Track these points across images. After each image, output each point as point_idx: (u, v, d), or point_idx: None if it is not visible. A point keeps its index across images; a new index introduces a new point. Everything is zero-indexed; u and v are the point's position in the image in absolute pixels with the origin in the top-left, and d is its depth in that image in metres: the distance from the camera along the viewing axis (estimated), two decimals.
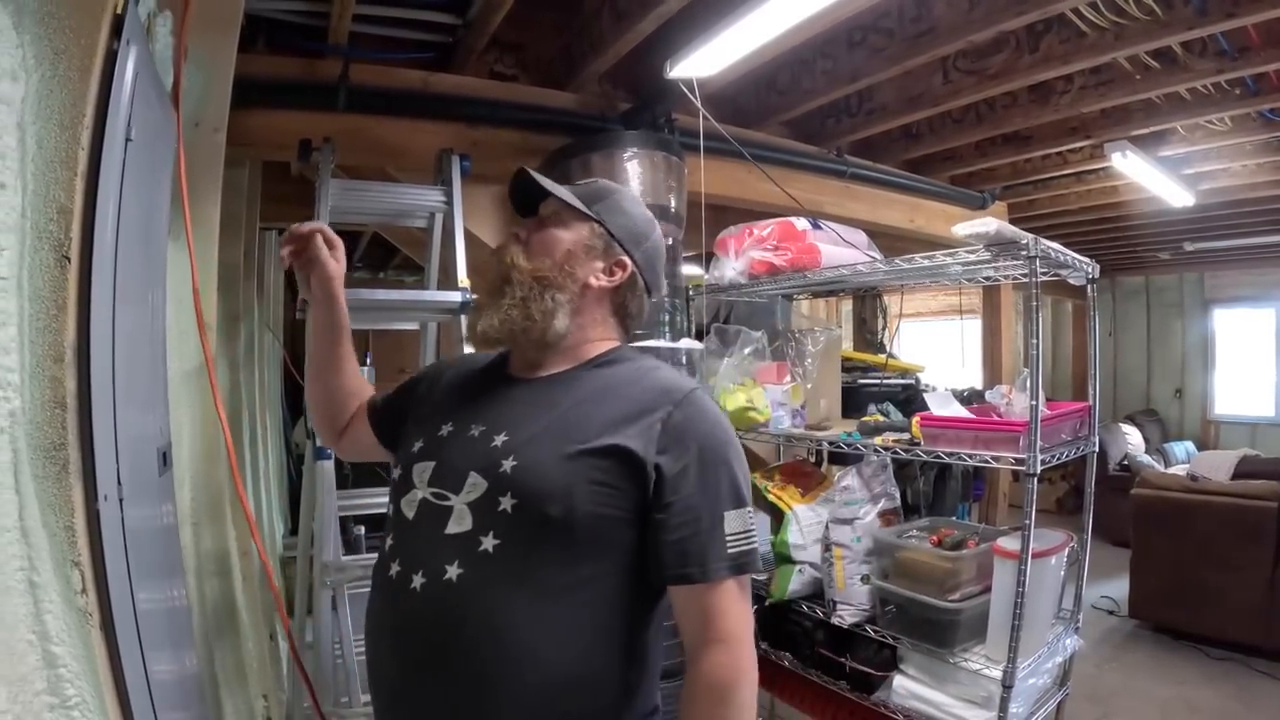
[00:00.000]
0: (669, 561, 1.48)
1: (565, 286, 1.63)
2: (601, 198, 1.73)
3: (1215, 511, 5.62)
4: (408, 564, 1.50)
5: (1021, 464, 2.60)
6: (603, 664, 1.48)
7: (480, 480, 1.48)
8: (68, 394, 1.27)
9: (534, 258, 1.64)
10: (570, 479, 1.45)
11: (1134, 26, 3.55)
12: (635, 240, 1.73)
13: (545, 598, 1.43)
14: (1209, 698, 4.79)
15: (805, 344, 3.77)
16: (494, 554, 1.43)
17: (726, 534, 1.48)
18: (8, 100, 1.17)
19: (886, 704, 3.02)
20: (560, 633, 1.44)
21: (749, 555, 1.51)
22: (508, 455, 1.49)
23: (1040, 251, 2.62)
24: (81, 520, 1.28)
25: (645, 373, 1.64)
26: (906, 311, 6.39)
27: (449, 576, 1.43)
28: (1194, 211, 6.62)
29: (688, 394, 1.56)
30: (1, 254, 1.16)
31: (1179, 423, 11.06)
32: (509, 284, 1.61)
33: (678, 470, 1.48)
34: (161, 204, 1.82)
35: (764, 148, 4.53)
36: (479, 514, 1.46)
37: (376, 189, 3.42)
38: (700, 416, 1.54)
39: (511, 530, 1.44)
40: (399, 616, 1.51)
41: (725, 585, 1.47)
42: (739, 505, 1.52)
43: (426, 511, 1.52)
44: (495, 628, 1.41)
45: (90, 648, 1.28)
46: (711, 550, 1.47)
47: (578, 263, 1.66)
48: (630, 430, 1.49)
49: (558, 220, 1.69)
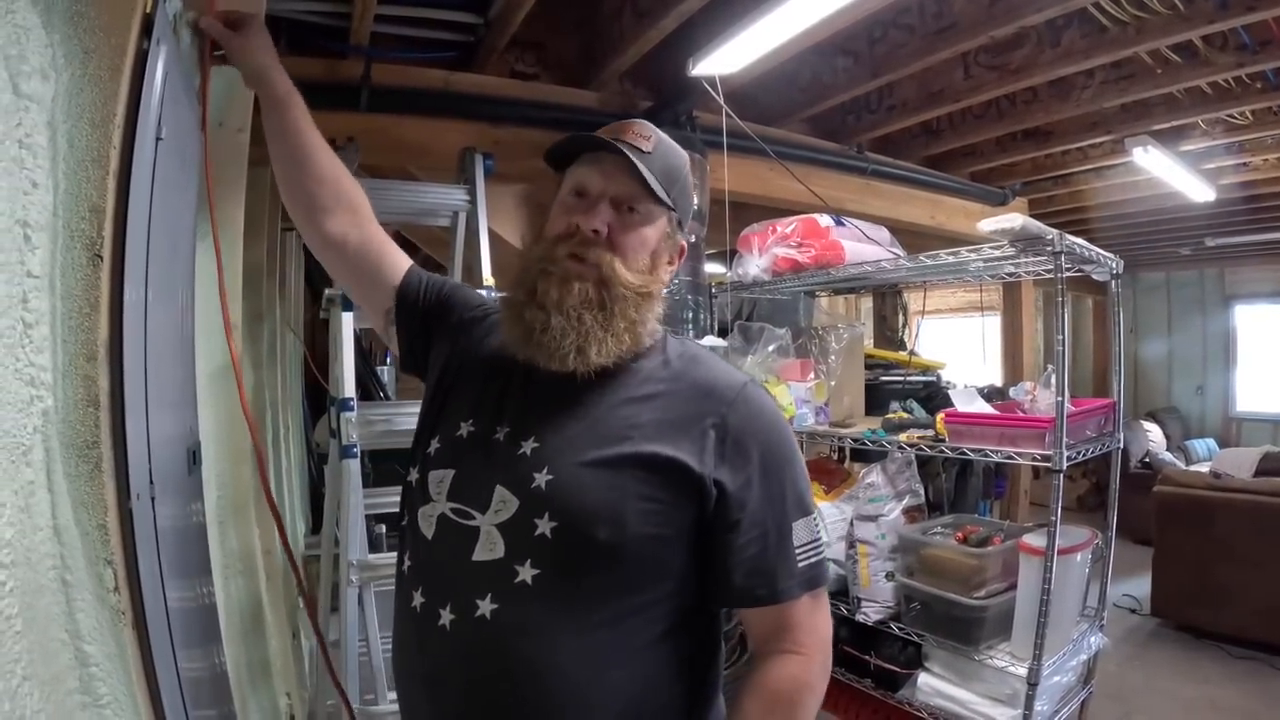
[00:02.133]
0: (738, 583, 1.34)
1: (659, 296, 1.45)
2: (672, 176, 1.45)
3: (1238, 509, 5.57)
4: (433, 595, 1.34)
5: (1047, 460, 2.60)
6: (661, 700, 1.35)
7: (510, 497, 1.30)
8: (100, 392, 1.27)
9: (632, 266, 1.40)
10: (617, 496, 1.28)
11: (1155, 20, 3.53)
12: (689, 215, 1.56)
13: (595, 633, 1.28)
14: (1232, 697, 4.76)
15: (828, 341, 3.77)
16: (534, 586, 1.26)
17: (795, 547, 1.35)
18: (39, 99, 1.17)
19: (911, 701, 3.02)
20: (614, 672, 1.29)
21: (820, 567, 1.38)
22: (540, 467, 1.31)
23: (1065, 247, 2.61)
24: (114, 519, 1.28)
25: (689, 365, 1.44)
26: (927, 308, 6.33)
27: (482, 613, 1.27)
28: (1214, 206, 6.57)
29: (740, 391, 1.39)
30: (34, 253, 1.16)
31: (1200, 420, 11.00)
32: (614, 300, 1.36)
33: (741, 483, 1.32)
34: (190, 203, 1.82)
35: (785, 145, 4.51)
36: (513, 538, 1.29)
37: (400, 188, 3.43)
38: (758, 417, 1.38)
39: (553, 558, 1.27)
40: (429, 661, 1.34)
41: (800, 604, 1.35)
42: (805, 513, 1.38)
43: (448, 531, 1.35)
44: (540, 672, 1.26)
45: (122, 646, 1.28)
46: (782, 568, 1.34)
47: (660, 264, 1.47)
48: (681, 439, 1.32)
49: (644, 214, 1.42)
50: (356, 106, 3.49)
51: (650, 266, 1.43)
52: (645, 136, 1.45)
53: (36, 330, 1.16)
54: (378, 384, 6.84)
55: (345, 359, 2.98)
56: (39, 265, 1.17)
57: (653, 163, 1.41)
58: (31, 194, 1.15)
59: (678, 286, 3.40)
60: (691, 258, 3.49)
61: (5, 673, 0.99)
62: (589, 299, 1.35)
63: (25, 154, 1.13)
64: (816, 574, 1.37)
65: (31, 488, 1.11)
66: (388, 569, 2.93)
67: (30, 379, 1.13)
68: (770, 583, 1.33)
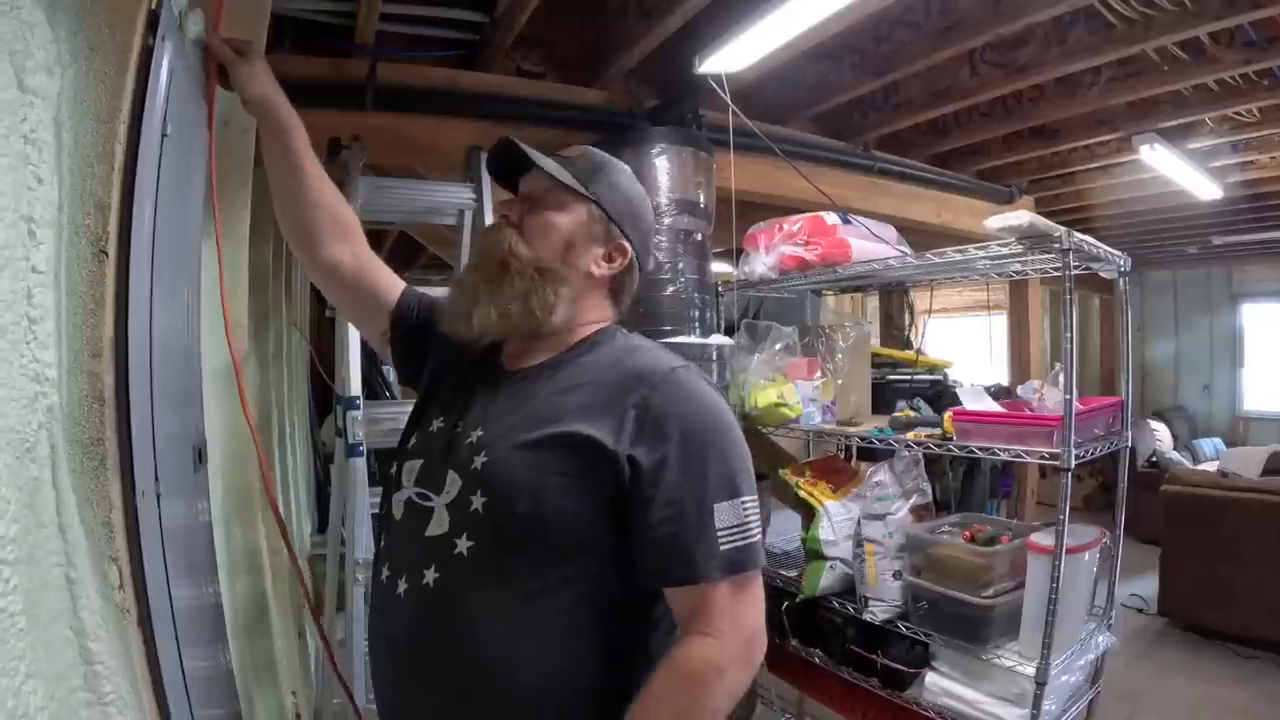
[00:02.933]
0: (652, 561, 1.39)
1: (568, 279, 1.56)
2: (597, 174, 1.61)
3: (1246, 508, 5.57)
4: (395, 567, 1.49)
5: (1056, 459, 2.59)
6: (591, 670, 1.41)
7: (456, 479, 1.44)
8: (105, 389, 1.27)
9: (533, 245, 1.54)
10: (537, 473, 1.38)
11: (1162, 17, 3.52)
12: (633, 220, 1.64)
13: (523, 601, 1.37)
14: (1239, 697, 4.75)
15: (835, 339, 3.75)
16: (468, 556, 1.39)
17: (718, 528, 1.36)
18: (44, 94, 1.17)
19: (918, 701, 3.01)
20: (541, 638, 1.38)
21: (745, 551, 1.38)
22: (479, 451, 1.44)
23: (1074, 245, 2.60)
24: (119, 516, 1.28)
25: (626, 355, 1.55)
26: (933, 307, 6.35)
27: (426, 581, 1.41)
28: (1222, 204, 6.57)
29: (666, 374, 1.46)
30: (39, 248, 1.16)
31: (1207, 419, 10.97)
32: (507, 273, 1.52)
33: (656, 460, 1.37)
34: (196, 200, 1.82)
35: (791, 143, 4.51)
36: (455, 515, 1.42)
37: (406, 187, 3.43)
38: (679, 397, 1.43)
39: (483, 531, 1.39)
40: (388, 623, 1.50)
41: (719, 587, 1.37)
42: (733, 495, 1.39)
43: (411, 513, 1.50)
44: (472, 634, 1.37)
45: (127, 644, 1.28)
46: (700, 548, 1.35)
47: (577, 251, 1.57)
48: (601, 419, 1.40)
49: (555, 201, 1.57)
50: (362, 105, 3.48)
51: (562, 250, 1.56)
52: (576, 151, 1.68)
53: (41, 326, 1.15)
54: (383, 383, 6.84)
55: (351, 358, 2.99)
56: (44, 261, 1.17)
57: (574, 165, 1.60)
58: (36, 190, 1.14)
59: (684, 285, 3.39)
60: (698, 256, 3.48)
61: (9, 670, 0.99)
62: (487, 273, 1.54)
63: (30, 149, 1.13)
64: (741, 558, 1.38)
65: (36, 484, 1.11)
66: None
67: (35, 375, 1.13)
68: (687, 563, 1.37)
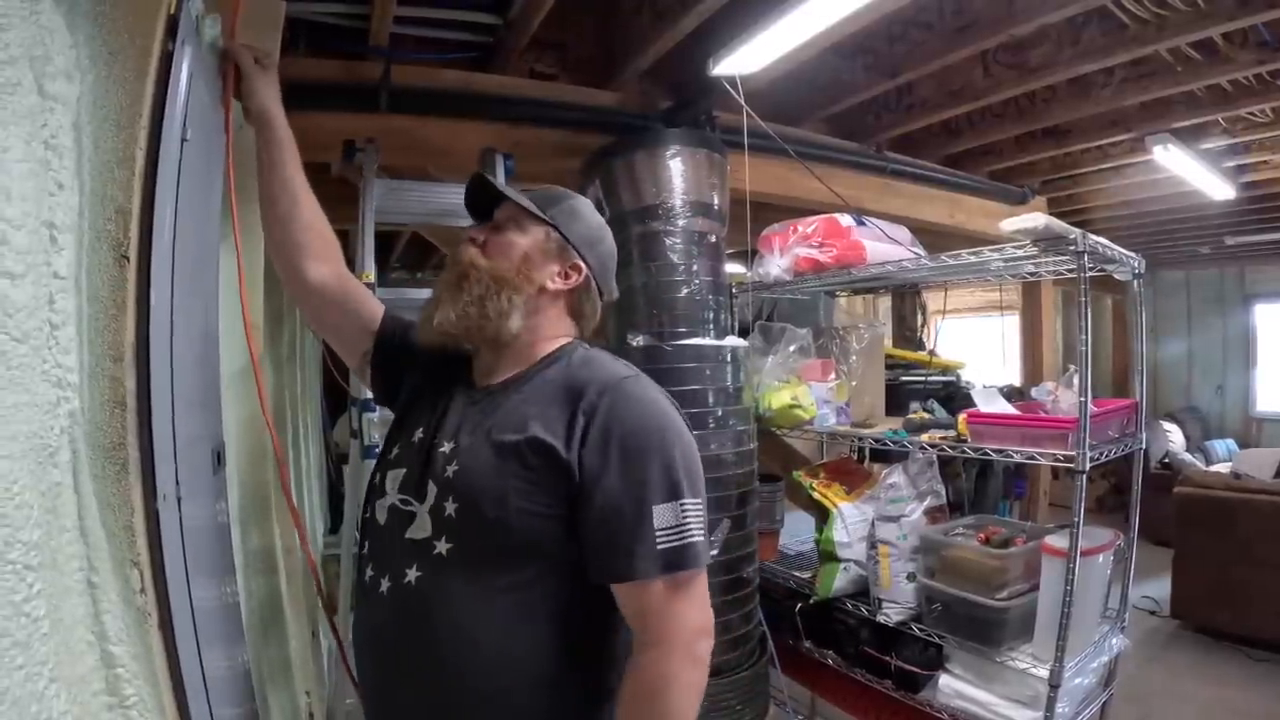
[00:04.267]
0: (593, 559, 1.49)
1: (522, 288, 1.66)
2: (556, 203, 1.76)
3: (1259, 510, 5.54)
4: (378, 568, 1.59)
5: (1070, 461, 2.58)
6: (559, 664, 1.50)
7: (434, 487, 1.54)
8: (127, 393, 1.27)
9: (492, 259, 1.67)
10: (501, 479, 1.48)
11: (1175, 18, 3.50)
12: (589, 244, 1.76)
13: (494, 598, 1.47)
14: (1251, 699, 4.73)
15: (849, 341, 3.76)
16: (447, 557, 1.49)
17: (656, 529, 1.44)
18: (64, 100, 1.17)
19: (931, 703, 3.01)
20: (512, 633, 1.47)
21: (682, 551, 1.46)
22: (451, 461, 1.55)
23: (1089, 247, 2.59)
24: (140, 520, 1.28)
25: (582, 366, 1.64)
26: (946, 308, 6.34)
27: (409, 579, 1.51)
28: (1235, 204, 6.53)
29: (615, 383, 1.56)
30: (61, 254, 1.16)
31: (1220, 420, 10.90)
32: (466, 280, 1.64)
33: (598, 463, 1.47)
34: (215, 204, 1.83)
35: (805, 144, 4.50)
36: (435, 520, 1.52)
37: (421, 189, 3.43)
38: (623, 403, 1.53)
39: (458, 534, 1.49)
40: (371, 620, 1.60)
41: (654, 585, 1.45)
42: (672, 497, 1.47)
43: (393, 517, 1.60)
44: (451, 627, 1.46)
45: (148, 647, 1.28)
46: (638, 547, 1.44)
47: (534, 266, 1.69)
48: (555, 426, 1.51)
49: (515, 224, 1.72)
50: (376, 108, 3.48)
51: (519, 265, 1.68)
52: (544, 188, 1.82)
53: (63, 331, 1.16)
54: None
55: None
56: (65, 267, 1.17)
57: (536, 195, 1.75)
58: (58, 195, 1.15)
59: (698, 287, 3.38)
60: (711, 257, 3.48)
61: (33, 674, 0.99)
62: (449, 282, 1.67)
63: (51, 155, 1.14)
64: (677, 558, 1.46)
65: (58, 489, 1.12)
66: None
67: (57, 380, 1.14)
68: (626, 560, 1.45)
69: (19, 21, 1.05)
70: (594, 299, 1.79)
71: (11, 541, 0.97)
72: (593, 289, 1.78)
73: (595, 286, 1.78)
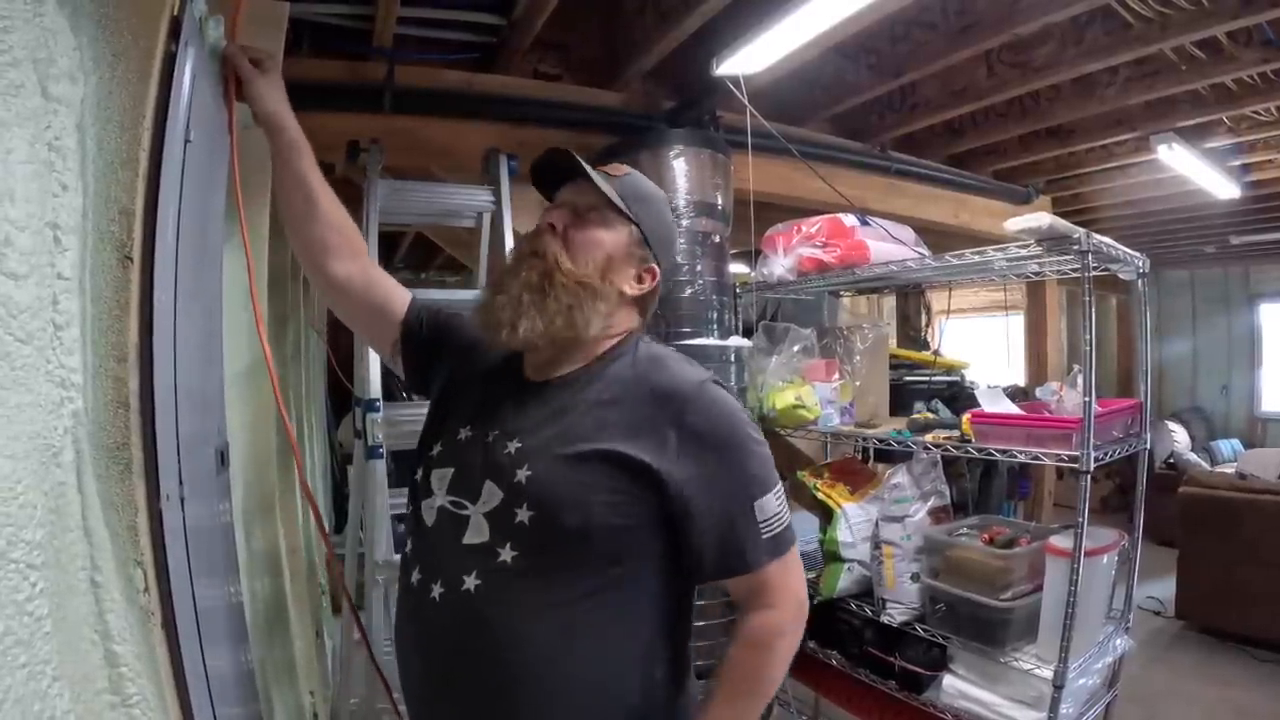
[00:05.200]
0: (709, 561, 1.50)
1: (609, 296, 1.59)
2: (640, 198, 1.67)
3: (1264, 510, 5.53)
4: (427, 572, 1.53)
5: (1074, 461, 2.58)
6: (628, 671, 1.49)
7: (496, 490, 1.48)
8: (130, 394, 1.27)
9: (577, 260, 1.57)
10: (585, 490, 1.44)
11: (1179, 17, 3.50)
12: (665, 246, 1.71)
13: (565, 608, 1.44)
14: (1256, 700, 4.72)
15: (853, 341, 3.75)
16: (512, 565, 1.44)
17: (760, 521, 1.49)
18: (68, 102, 1.17)
19: (935, 704, 3.00)
20: (581, 642, 1.45)
21: (783, 535, 1.52)
22: (521, 464, 1.48)
23: (1093, 246, 2.59)
24: (144, 520, 1.28)
25: (652, 367, 1.59)
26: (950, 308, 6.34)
27: (467, 587, 1.45)
28: (1239, 204, 6.52)
29: (697, 388, 1.53)
30: (65, 255, 1.16)
31: (1225, 420, 10.89)
32: (552, 286, 1.54)
33: (698, 474, 1.46)
34: (217, 205, 1.83)
35: (809, 144, 4.51)
36: (496, 525, 1.47)
37: (425, 189, 3.44)
38: (712, 411, 1.51)
39: (529, 542, 1.44)
40: (421, 626, 1.55)
41: (768, 568, 1.50)
42: (765, 491, 1.51)
43: (444, 520, 1.54)
44: (515, 639, 1.43)
45: (151, 646, 1.28)
46: (749, 543, 1.49)
47: (615, 270, 1.61)
48: (644, 439, 1.47)
49: (600, 219, 1.62)
50: (380, 108, 3.49)
51: (603, 267, 1.59)
52: (622, 170, 1.72)
53: (67, 332, 1.16)
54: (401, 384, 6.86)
55: (370, 360, 2.99)
56: (69, 268, 1.17)
57: (621, 185, 1.65)
58: (61, 196, 1.15)
59: (702, 286, 3.38)
60: (715, 258, 3.48)
61: (36, 673, 1.00)
62: (530, 283, 1.55)
63: (55, 157, 1.14)
64: (780, 541, 1.52)
65: (62, 489, 1.12)
66: None
67: (61, 381, 1.14)
68: (740, 556, 1.49)
69: (22, 24, 1.05)
70: (657, 298, 1.74)
71: (15, 540, 0.97)
72: (658, 290, 1.72)
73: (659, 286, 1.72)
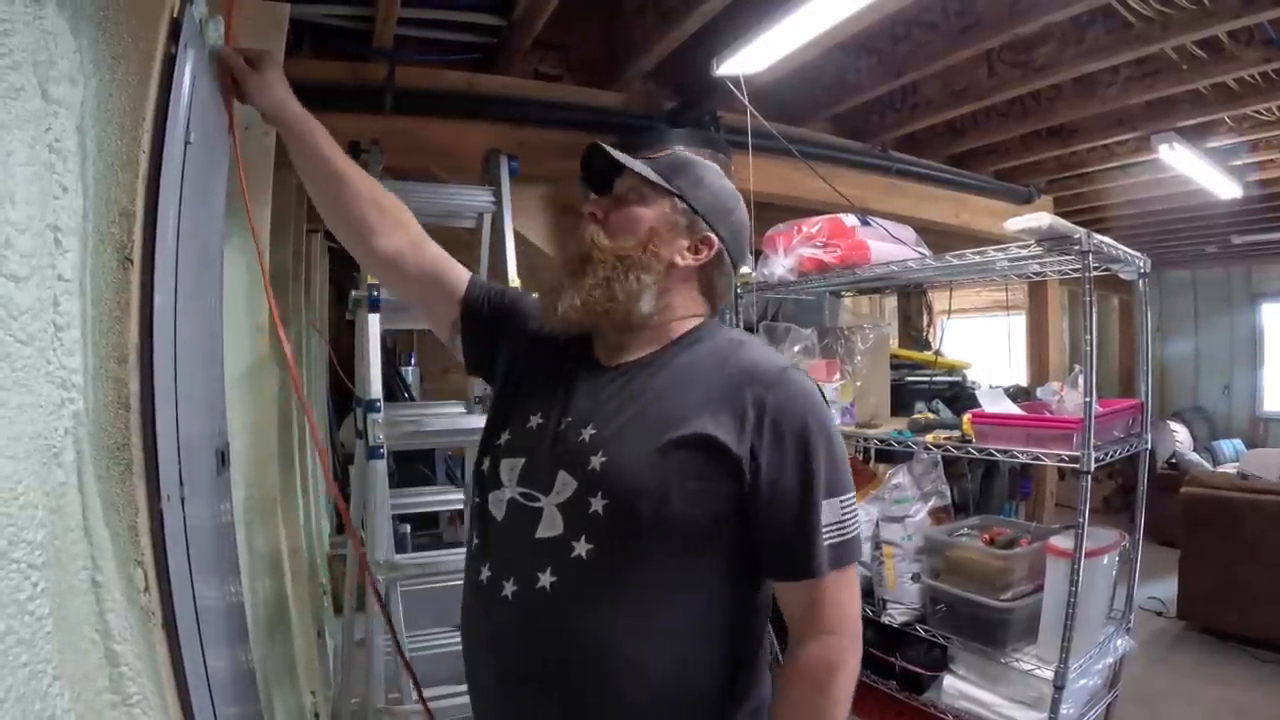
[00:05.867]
0: (767, 558, 1.45)
1: (650, 266, 1.55)
2: (680, 170, 1.64)
3: (1265, 511, 5.51)
4: (499, 569, 1.48)
5: (1075, 461, 2.58)
6: (707, 665, 1.45)
7: (569, 479, 1.44)
8: (131, 395, 1.27)
9: (615, 237, 1.57)
10: (663, 476, 1.39)
11: (1180, 16, 3.50)
12: (720, 214, 1.65)
13: (642, 606, 1.40)
14: (1258, 701, 4.71)
15: (854, 341, 3.75)
16: (587, 560, 1.39)
17: (824, 525, 1.41)
18: (68, 104, 1.17)
19: (936, 704, 3.01)
20: (660, 641, 1.40)
21: (845, 546, 1.44)
22: (596, 450, 1.43)
23: (1093, 246, 2.59)
24: (145, 520, 1.28)
25: (732, 350, 1.55)
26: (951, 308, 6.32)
27: (542, 585, 1.40)
28: (1241, 203, 6.51)
29: (780, 373, 1.48)
30: (65, 256, 1.16)
31: (1227, 420, 10.89)
32: (590, 263, 1.54)
33: (774, 461, 1.41)
34: (218, 206, 1.83)
35: (809, 144, 4.51)
36: (570, 516, 1.42)
37: (426, 190, 3.43)
38: (795, 399, 1.46)
39: (604, 534, 1.39)
40: (493, 626, 1.49)
41: (826, 579, 1.41)
42: (833, 494, 1.43)
43: (515, 513, 1.49)
44: (592, 640, 1.38)
45: (152, 646, 1.28)
46: (809, 545, 1.41)
47: (662, 241, 1.57)
48: (722, 419, 1.42)
49: (637, 196, 1.60)
50: (380, 109, 3.50)
51: (644, 240, 1.56)
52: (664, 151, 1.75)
53: (67, 333, 1.16)
54: (402, 385, 6.85)
55: (371, 360, 2.99)
56: (70, 269, 1.17)
57: (657, 163, 1.64)
58: (62, 198, 1.15)
59: None
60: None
61: (37, 673, 1.00)
62: (570, 265, 1.57)
63: (55, 159, 1.14)
64: (841, 552, 1.43)
65: (63, 489, 1.12)
66: (414, 569, 2.95)
67: (61, 381, 1.14)
68: (799, 557, 1.42)
69: (22, 27, 1.05)
70: (727, 272, 1.68)
71: (16, 540, 0.98)
72: (725, 262, 1.66)
73: (729, 258, 1.66)
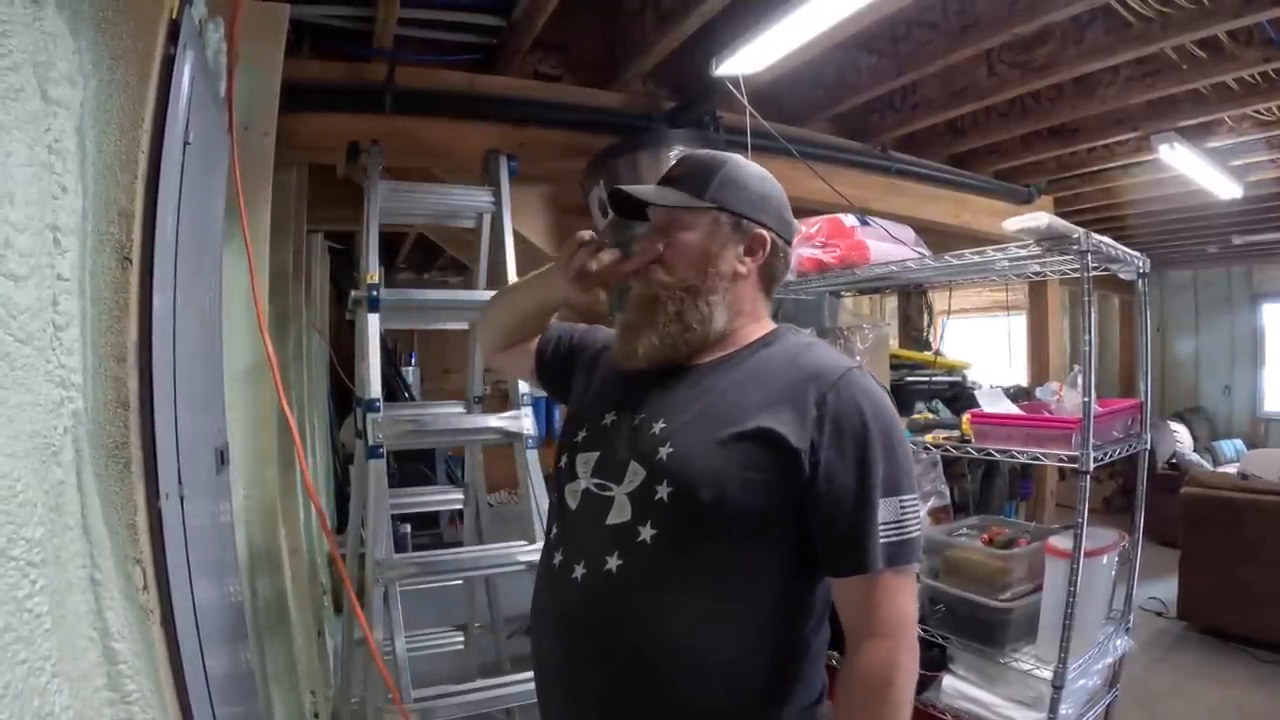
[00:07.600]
0: (822, 552, 1.45)
1: (716, 287, 1.59)
2: (706, 177, 1.63)
3: (1266, 511, 5.49)
4: (570, 554, 1.54)
5: (1074, 461, 2.58)
6: (760, 655, 1.46)
7: (639, 469, 1.49)
8: (130, 394, 1.28)
9: (674, 270, 1.59)
10: (722, 465, 1.43)
11: (1179, 16, 3.50)
12: (759, 204, 1.65)
13: (703, 591, 1.44)
14: (1258, 701, 4.69)
15: (854, 341, 3.75)
16: (651, 544, 1.44)
17: (882, 522, 1.41)
18: (67, 104, 1.18)
19: (935, 704, 3.00)
20: (716, 625, 1.43)
21: (902, 546, 1.43)
22: (664, 442, 1.48)
23: (1092, 246, 2.59)
24: (143, 518, 1.29)
25: (800, 352, 1.57)
26: (951, 308, 6.31)
27: (609, 567, 1.46)
28: (1242, 204, 6.50)
29: (844, 374, 1.49)
30: (64, 256, 1.17)
31: (1228, 420, 10.88)
32: (658, 302, 1.58)
33: (832, 457, 1.43)
34: (217, 206, 1.84)
35: (809, 144, 4.51)
36: (638, 503, 1.47)
37: (425, 190, 3.44)
38: (858, 398, 1.47)
39: (668, 520, 1.44)
40: (561, 606, 1.54)
41: (883, 577, 1.41)
42: (892, 493, 1.44)
43: (589, 502, 1.55)
44: (651, 619, 1.43)
45: (150, 644, 1.29)
46: (865, 542, 1.41)
47: (718, 258, 1.59)
48: (784, 414, 1.45)
49: (680, 224, 1.62)
50: (381, 109, 3.51)
51: (699, 264, 1.59)
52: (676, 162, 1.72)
53: (67, 333, 1.17)
54: (403, 385, 6.86)
55: (371, 360, 2.99)
56: (69, 269, 1.18)
57: (683, 181, 1.64)
58: (61, 198, 1.16)
59: None
60: None
61: (35, 670, 1.00)
62: (641, 306, 1.61)
63: (54, 159, 1.14)
64: (898, 552, 1.43)
65: (61, 488, 1.13)
66: (413, 568, 2.95)
67: (60, 380, 1.14)
68: (854, 554, 1.42)
69: (22, 28, 1.05)
70: (782, 256, 1.69)
71: (15, 538, 0.98)
72: (780, 247, 1.67)
73: (781, 241, 1.67)
